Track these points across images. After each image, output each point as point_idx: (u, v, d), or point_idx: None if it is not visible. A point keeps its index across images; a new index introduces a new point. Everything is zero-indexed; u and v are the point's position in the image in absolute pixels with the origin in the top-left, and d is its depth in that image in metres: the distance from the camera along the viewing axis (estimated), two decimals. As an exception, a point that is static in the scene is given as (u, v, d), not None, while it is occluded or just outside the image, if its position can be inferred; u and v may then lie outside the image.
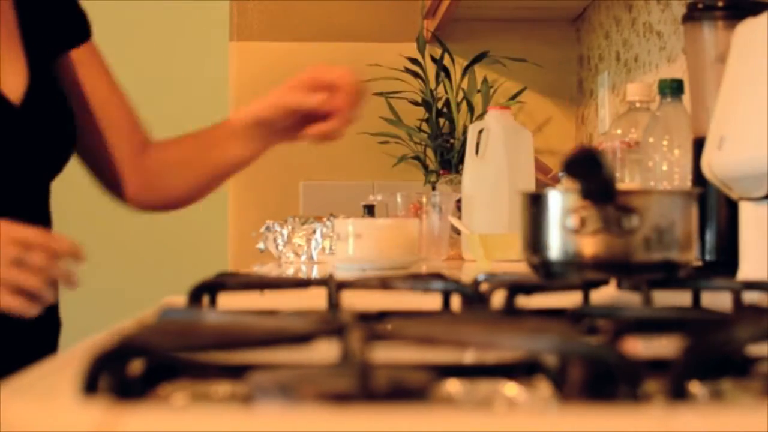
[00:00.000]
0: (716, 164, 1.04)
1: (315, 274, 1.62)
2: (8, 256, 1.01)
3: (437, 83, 2.62)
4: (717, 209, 1.15)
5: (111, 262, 3.14)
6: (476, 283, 0.83)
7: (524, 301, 0.72)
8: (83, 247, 1.06)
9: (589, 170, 0.75)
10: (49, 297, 1.03)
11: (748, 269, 1.01)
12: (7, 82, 1.21)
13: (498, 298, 0.73)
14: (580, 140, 2.67)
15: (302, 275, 1.62)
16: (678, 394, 0.43)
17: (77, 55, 1.37)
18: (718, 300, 0.81)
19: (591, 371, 0.44)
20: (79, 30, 1.39)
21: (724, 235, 1.15)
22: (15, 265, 1.01)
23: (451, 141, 2.57)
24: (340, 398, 0.42)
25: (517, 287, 0.72)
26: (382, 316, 0.68)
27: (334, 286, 0.79)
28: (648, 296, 0.75)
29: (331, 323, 0.53)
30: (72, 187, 1.50)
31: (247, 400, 0.48)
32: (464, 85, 2.62)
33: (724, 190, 1.05)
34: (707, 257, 1.16)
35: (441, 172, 2.52)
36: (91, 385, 0.44)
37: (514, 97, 2.63)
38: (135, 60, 3.15)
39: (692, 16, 1.20)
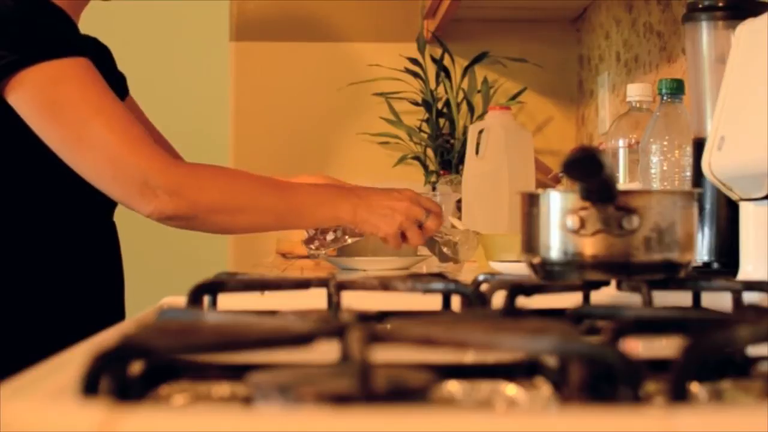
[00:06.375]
0: (716, 164, 1.04)
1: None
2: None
3: (437, 83, 2.61)
4: (717, 209, 1.15)
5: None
6: (476, 283, 0.83)
7: (524, 302, 0.72)
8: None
9: (589, 171, 0.75)
10: None
11: (748, 269, 1.01)
12: None
13: (498, 299, 0.73)
14: (580, 140, 2.67)
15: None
16: (678, 394, 0.43)
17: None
18: (718, 300, 0.81)
19: (591, 371, 0.44)
20: (123, 88, 1.75)
21: (724, 235, 1.15)
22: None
23: (451, 141, 2.57)
24: (340, 398, 0.42)
25: (517, 288, 0.72)
26: (382, 316, 0.68)
27: (335, 287, 0.79)
28: (648, 297, 0.75)
29: (332, 324, 0.53)
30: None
31: (247, 400, 0.48)
32: (464, 85, 2.62)
33: (724, 190, 1.05)
34: (707, 258, 1.16)
35: (441, 172, 2.52)
36: (91, 386, 0.44)
37: (514, 98, 2.63)
38: (135, 60, 3.14)
39: (692, 16, 1.20)
